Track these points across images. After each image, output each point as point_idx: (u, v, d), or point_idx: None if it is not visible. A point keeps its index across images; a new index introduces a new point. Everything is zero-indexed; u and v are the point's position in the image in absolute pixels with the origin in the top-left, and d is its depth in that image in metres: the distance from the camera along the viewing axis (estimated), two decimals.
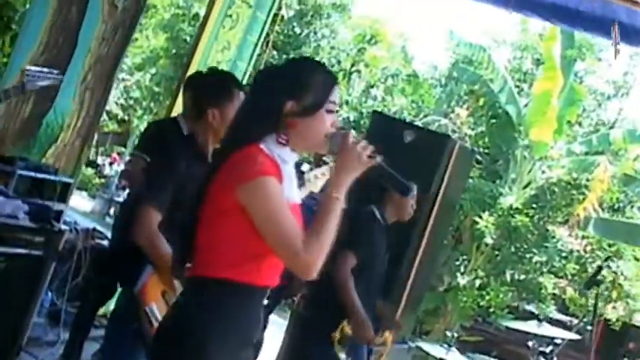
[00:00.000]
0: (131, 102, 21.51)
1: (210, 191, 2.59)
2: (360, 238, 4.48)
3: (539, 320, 5.59)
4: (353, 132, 2.63)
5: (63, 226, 4.48)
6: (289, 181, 2.62)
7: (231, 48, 6.77)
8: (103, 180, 20.75)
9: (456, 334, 12.88)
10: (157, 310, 3.50)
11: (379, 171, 2.59)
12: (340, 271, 4.39)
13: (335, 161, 2.59)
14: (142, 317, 3.52)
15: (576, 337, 6.74)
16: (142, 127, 23.43)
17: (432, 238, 6.19)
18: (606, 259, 8.67)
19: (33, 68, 3.75)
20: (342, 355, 4.45)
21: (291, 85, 2.62)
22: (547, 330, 5.63)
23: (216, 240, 2.58)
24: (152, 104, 18.95)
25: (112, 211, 17.93)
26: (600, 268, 6.08)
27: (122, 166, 21.18)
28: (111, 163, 22.60)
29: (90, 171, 21.02)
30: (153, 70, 18.66)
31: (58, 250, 4.20)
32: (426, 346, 5.84)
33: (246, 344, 2.68)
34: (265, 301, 2.74)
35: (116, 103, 21.44)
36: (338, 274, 4.39)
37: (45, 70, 3.85)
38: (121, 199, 18.37)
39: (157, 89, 18.05)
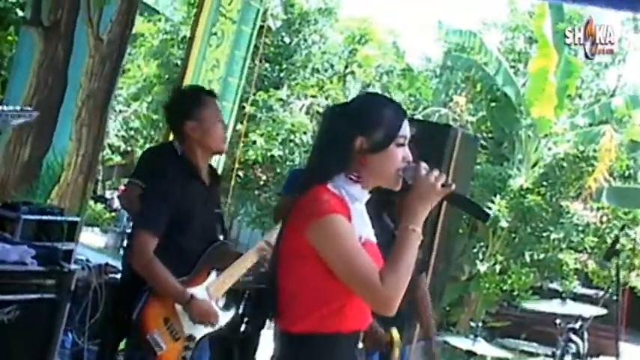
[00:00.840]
0: (132, 132, 21.53)
1: (284, 238, 2.57)
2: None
3: (563, 299, 5.51)
4: (424, 164, 2.59)
5: (73, 266, 4.45)
6: (360, 219, 2.56)
7: (221, 65, 6.75)
8: (113, 214, 20.74)
9: (481, 323, 12.90)
10: (160, 337, 3.47)
11: (455, 199, 2.55)
12: None
13: (409, 193, 2.52)
14: (144, 346, 3.47)
15: (602, 311, 6.65)
16: None
17: (445, 229, 6.16)
18: (622, 228, 8.60)
19: (4, 108, 3.72)
20: None
21: (361, 121, 2.56)
22: (572, 308, 5.56)
23: (296, 288, 2.54)
24: (152, 132, 18.95)
25: (125, 243, 17.93)
26: (617, 237, 6.00)
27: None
28: (119, 196, 22.61)
29: (99, 206, 21.02)
30: (149, 99, 18.67)
31: (71, 291, 4.17)
32: (453, 340, 5.78)
33: None
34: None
35: (117, 136, 21.46)
36: None
37: (17, 108, 3.82)
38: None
39: (155, 117, 18.06)
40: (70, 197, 6.46)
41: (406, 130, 2.57)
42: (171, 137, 6.01)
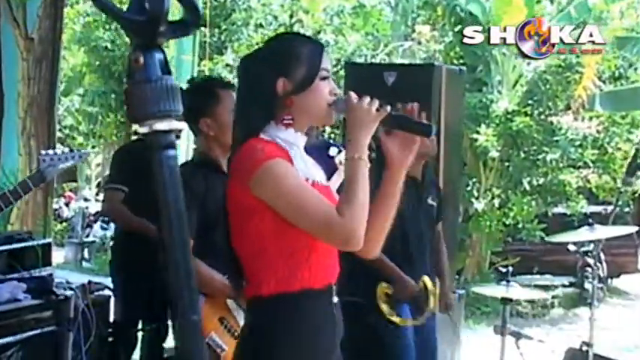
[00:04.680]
0: (67, 131, 21.33)
1: (229, 200, 2.66)
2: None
3: (590, 224, 5.55)
4: (352, 92, 2.66)
5: (68, 292, 4.46)
6: (302, 161, 2.66)
7: (170, 44, 6.72)
8: (64, 224, 20.59)
9: (488, 265, 12.98)
10: (219, 338, 3.60)
11: (393, 121, 2.64)
12: None
13: (347, 124, 2.63)
14: (206, 349, 3.57)
15: (633, 229, 6.72)
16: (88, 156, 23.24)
17: (447, 172, 6.26)
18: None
19: (49, 152, 3.76)
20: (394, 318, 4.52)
21: (279, 62, 2.66)
22: (603, 232, 5.62)
23: (256, 249, 2.62)
24: (92, 126, 18.81)
25: (86, 254, 17.85)
26: (637, 150, 6.06)
27: (80, 204, 21.05)
28: (67, 204, 22.42)
29: None
30: (80, 91, 18.50)
31: (70, 319, 4.19)
32: (482, 289, 5.85)
33: (328, 351, 2.74)
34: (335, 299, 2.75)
35: None
36: None
37: (66, 150, 3.86)
38: (91, 239, 18.30)
39: (91, 109, 17.90)
40: (32, 217, 6.44)
41: (327, 62, 2.69)
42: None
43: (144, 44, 1.65)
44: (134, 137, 6.72)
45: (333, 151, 3.87)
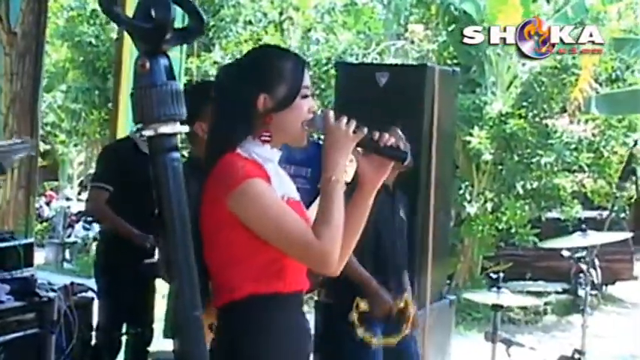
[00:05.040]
0: (48, 128, 21.27)
1: (203, 212, 2.69)
2: None
3: (583, 230, 5.59)
4: (330, 111, 2.71)
5: (52, 293, 4.48)
6: (278, 178, 2.71)
7: None
8: (45, 224, 20.53)
9: (480, 271, 12.98)
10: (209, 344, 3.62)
11: (369, 144, 2.69)
12: None
13: (324, 143, 2.68)
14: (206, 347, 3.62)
15: (627, 235, 6.78)
16: (70, 154, 23.18)
17: (439, 175, 6.28)
18: (635, 144, 8.68)
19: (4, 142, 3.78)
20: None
21: (260, 78, 2.69)
22: (596, 238, 5.66)
23: (226, 259, 2.67)
24: (74, 124, 18.75)
25: (67, 255, 17.80)
26: (631, 155, 6.10)
27: (61, 203, 20.98)
28: (48, 203, 22.35)
29: None
30: (63, 87, 18.45)
31: (53, 321, 4.21)
32: (473, 296, 5.87)
33: (298, 354, 2.80)
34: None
35: None
36: None
37: (17, 141, 3.88)
38: (72, 239, 18.24)
39: (74, 106, 17.85)
40: (13, 217, 6.44)
41: (307, 79, 2.73)
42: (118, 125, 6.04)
43: (150, 50, 1.75)
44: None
45: None
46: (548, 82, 12.77)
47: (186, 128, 1.85)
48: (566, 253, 13.13)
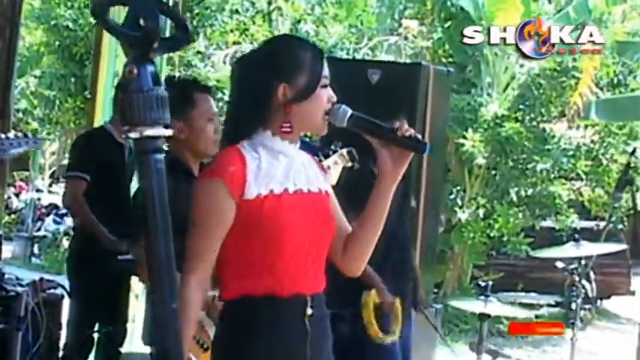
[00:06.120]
0: (20, 115, 21.19)
1: None
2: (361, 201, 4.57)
3: (576, 240, 5.66)
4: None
5: (20, 288, 4.50)
6: (283, 172, 2.74)
7: None
8: (13, 216, 20.49)
9: (469, 279, 12.98)
10: (191, 354, 3.65)
11: (389, 134, 2.77)
12: None
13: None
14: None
15: (621, 247, 6.83)
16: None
17: (430, 178, 6.33)
18: (632, 153, 8.69)
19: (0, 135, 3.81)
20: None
21: (280, 67, 2.77)
22: (590, 249, 5.73)
23: (218, 256, 2.75)
24: (48, 111, 18.68)
25: (36, 249, 17.77)
26: (629, 164, 6.14)
27: (31, 195, 20.91)
28: (17, 194, 22.31)
29: None
30: (37, 72, 18.39)
31: (20, 317, 4.24)
32: (460, 303, 5.91)
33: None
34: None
35: None
36: None
37: (18, 134, 3.91)
38: (42, 233, 18.21)
39: (48, 93, 17.78)
40: None
41: (327, 69, 2.84)
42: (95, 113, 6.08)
43: (138, 57, 1.97)
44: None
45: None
46: (547, 85, 12.79)
47: (169, 132, 2.06)
48: (560, 265, 13.20)
